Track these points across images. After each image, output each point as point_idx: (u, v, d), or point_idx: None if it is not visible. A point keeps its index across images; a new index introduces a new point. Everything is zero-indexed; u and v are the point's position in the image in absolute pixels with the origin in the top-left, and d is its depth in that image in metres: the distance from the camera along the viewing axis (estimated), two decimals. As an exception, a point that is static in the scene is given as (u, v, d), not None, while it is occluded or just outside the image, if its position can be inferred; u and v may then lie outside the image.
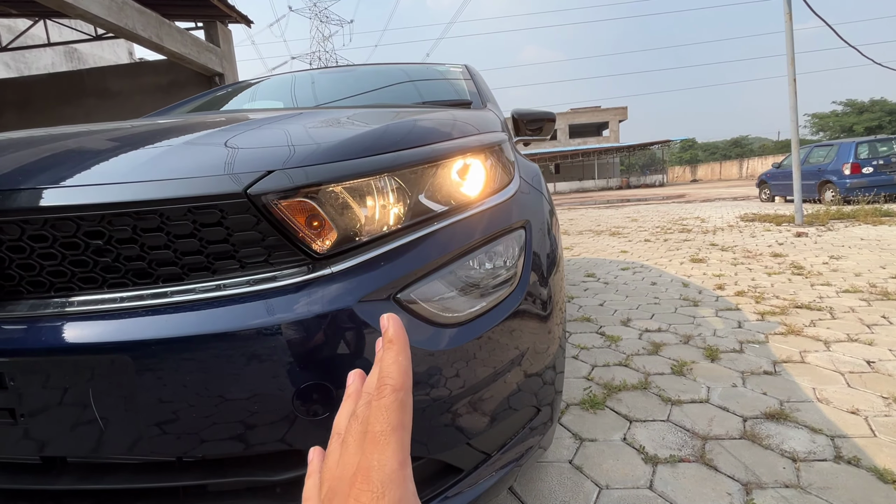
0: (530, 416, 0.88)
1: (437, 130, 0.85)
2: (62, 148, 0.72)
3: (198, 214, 0.59)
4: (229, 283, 0.61)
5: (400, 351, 0.27)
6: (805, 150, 9.87)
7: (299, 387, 0.59)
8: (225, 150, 0.67)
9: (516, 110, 1.86)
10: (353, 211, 0.67)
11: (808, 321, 2.28)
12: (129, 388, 0.58)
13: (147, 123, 1.01)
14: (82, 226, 0.58)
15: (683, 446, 1.31)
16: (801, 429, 1.35)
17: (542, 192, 1.09)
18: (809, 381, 1.65)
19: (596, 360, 1.98)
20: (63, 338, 0.59)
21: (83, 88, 9.37)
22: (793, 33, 6.10)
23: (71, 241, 0.58)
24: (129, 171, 0.61)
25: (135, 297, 0.60)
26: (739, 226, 6.53)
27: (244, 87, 2.39)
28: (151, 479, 0.65)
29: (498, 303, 0.78)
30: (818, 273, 3.31)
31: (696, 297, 2.89)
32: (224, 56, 8.61)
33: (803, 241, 4.83)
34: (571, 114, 40.07)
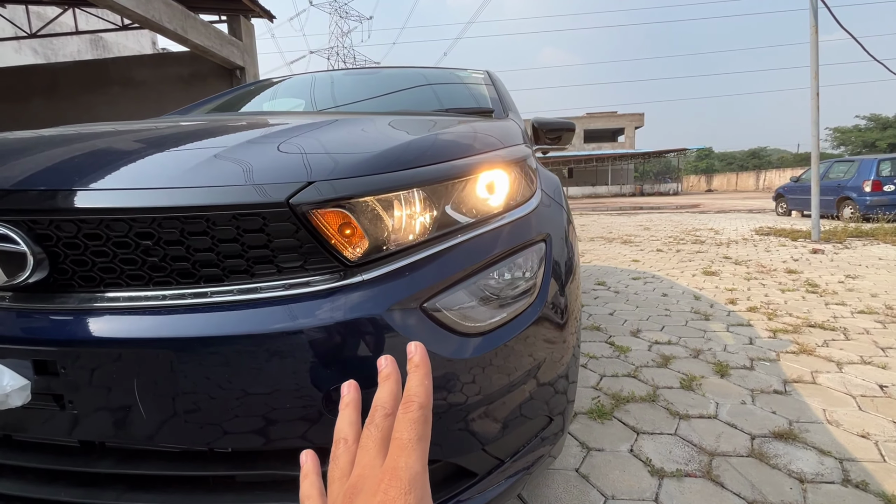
0: (543, 424, 0.90)
1: (464, 144, 0.87)
2: (113, 147, 0.76)
3: (241, 220, 0.62)
4: (266, 286, 0.65)
5: (425, 375, 0.33)
6: (825, 164, 9.71)
7: (329, 388, 0.62)
8: (268, 158, 0.70)
9: (536, 119, 1.87)
10: (383, 221, 0.70)
11: (821, 341, 2.27)
12: (169, 381, 0.62)
13: (190, 123, 1.05)
14: (134, 227, 0.61)
15: (690, 461, 1.32)
16: (809, 450, 1.35)
17: (561, 204, 1.12)
18: (820, 402, 1.65)
19: (605, 369, 1.99)
20: (110, 330, 0.63)
21: (108, 77, 9.56)
22: (818, 47, 6.02)
23: (122, 240, 0.62)
24: (179, 175, 0.64)
25: (177, 295, 0.64)
26: (754, 239, 6.46)
27: (268, 85, 2.43)
28: (183, 468, 0.68)
29: (518, 314, 0.80)
30: (833, 292, 3.28)
31: (707, 310, 2.89)
32: (245, 49, 8.73)
33: (819, 258, 4.77)
34: (587, 118, 39.82)
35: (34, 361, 0.62)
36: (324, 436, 0.65)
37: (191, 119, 1.24)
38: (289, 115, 1.26)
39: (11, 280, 0.62)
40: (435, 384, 0.68)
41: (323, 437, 0.65)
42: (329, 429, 0.64)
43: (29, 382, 0.62)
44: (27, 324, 0.63)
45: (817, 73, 6.05)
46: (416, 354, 0.34)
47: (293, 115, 1.25)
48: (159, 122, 1.09)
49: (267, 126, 0.95)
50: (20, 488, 0.68)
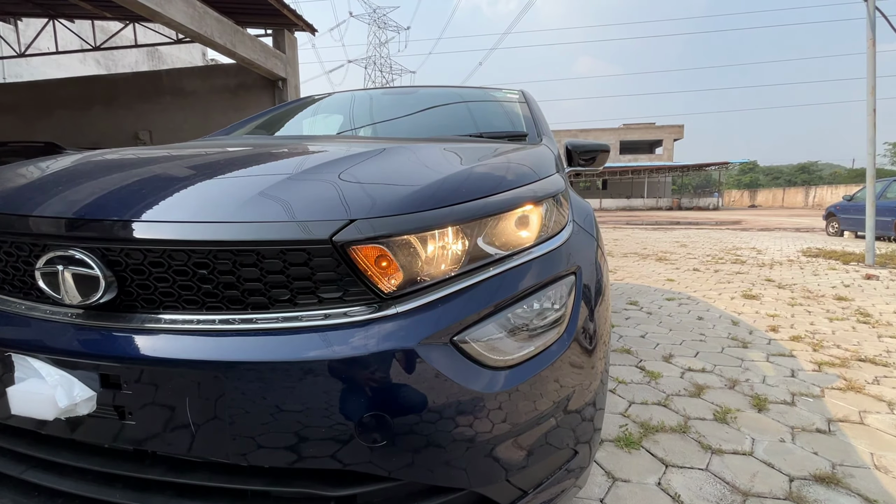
0: (569, 456, 0.90)
1: (499, 178, 0.90)
2: (174, 178, 0.83)
3: (287, 254, 0.67)
4: (307, 315, 0.69)
5: None
6: (883, 183, 9.13)
7: (361, 414, 0.66)
8: (313, 194, 0.75)
9: (570, 142, 1.88)
10: (419, 256, 0.73)
11: (871, 377, 2.14)
12: (217, 399, 0.67)
13: (241, 150, 1.13)
14: (192, 256, 0.67)
15: (722, 500, 1.28)
16: (853, 497, 1.28)
17: (592, 234, 1.12)
18: (867, 444, 1.55)
19: (634, 396, 1.95)
20: (167, 350, 0.69)
21: (161, 87, 10.19)
22: (875, 60, 5.71)
23: (182, 268, 0.68)
24: (234, 211, 0.70)
25: (226, 320, 0.69)
26: (801, 261, 6.14)
27: (309, 103, 2.55)
28: (223, 480, 0.73)
29: (547, 346, 0.81)
30: (888, 323, 3.08)
31: (745, 337, 2.77)
32: (288, 62, 9.11)
33: (873, 284, 4.48)
34: (624, 129, 39.06)
35: (101, 375, 0.68)
36: (355, 457, 0.68)
37: (241, 143, 1.32)
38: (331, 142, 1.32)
39: (85, 300, 0.70)
40: (461, 415, 0.70)
41: (354, 459, 0.68)
42: (360, 453, 0.68)
43: (95, 394, 0.68)
44: (96, 340, 0.70)
45: (874, 88, 5.73)
46: None
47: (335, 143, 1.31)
48: (212, 147, 1.17)
49: (310, 156, 1.01)
50: (82, 488, 0.75)
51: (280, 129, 2.12)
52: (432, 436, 0.67)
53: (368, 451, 0.67)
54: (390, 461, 0.67)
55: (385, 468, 0.68)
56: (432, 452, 0.68)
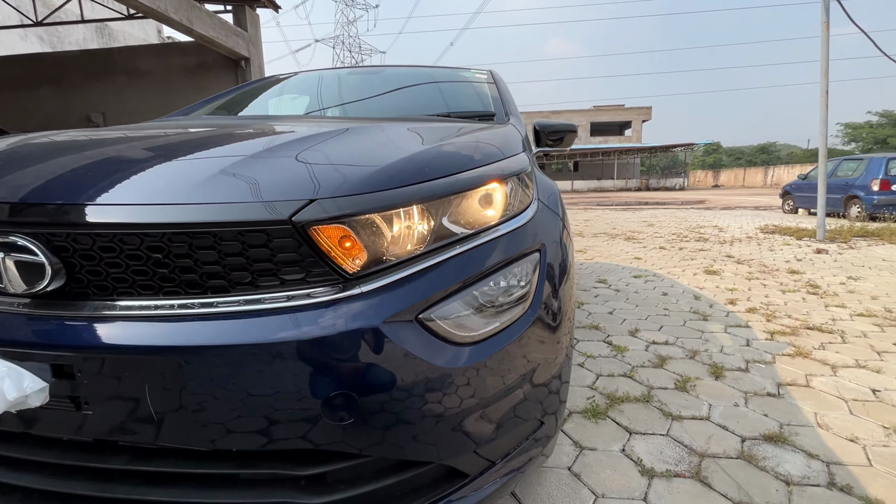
0: (535, 427, 0.94)
1: (464, 157, 0.90)
2: (125, 159, 0.79)
3: (246, 236, 0.65)
4: (269, 298, 0.68)
5: None
6: (834, 162, 9.62)
7: (327, 395, 0.66)
8: (272, 174, 0.73)
9: (538, 122, 1.89)
10: (382, 235, 0.73)
11: (817, 344, 2.29)
12: (177, 386, 0.66)
13: (199, 132, 1.08)
14: (145, 240, 0.65)
15: (680, 462, 1.36)
16: (797, 453, 1.38)
17: (557, 212, 1.14)
18: (812, 405, 1.68)
19: (601, 369, 2.03)
20: (122, 337, 0.67)
21: (113, 66, 9.58)
22: (829, 43, 5.94)
23: (135, 252, 0.66)
24: (188, 192, 0.67)
25: (185, 304, 0.68)
26: (758, 238, 6.45)
27: (273, 83, 2.46)
28: (191, 466, 0.73)
29: (512, 321, 0.83)
30: (834, 294, 3.29)
31: (706, 310, 2.91)
32: (251, 40, 8.71)
33: (823, 258, 4.76)
34: (594, 111, 39.49)
35: (52, 365, 0.66)
36: (323, 437, 0.69)
37: (199, 125, 1.27)
38: (293, 122, 1.29)
39: (31, 289, 0.66)
40: (428, 390, 0.72)
41: (322, 439, 0.69)
42: (327, 432, 0.68)
43: (47, 385, 0.66)
44: (45, 330, 0.67)
45: (827, 70, 5.98)
46: None
47: (297, 122, 1.28)
48: (168, 128, 1.12)
49: (272, 136, 0.98)
50: (40, 482, 0.73)
51: (242, 110, 2.04)
52: (400, 412, 0.69)
53: (336, 430, 0.68)
54: (358, 439, 0.68)
55: (353, 446, 0.69)
56: (400, 428, 0.70)
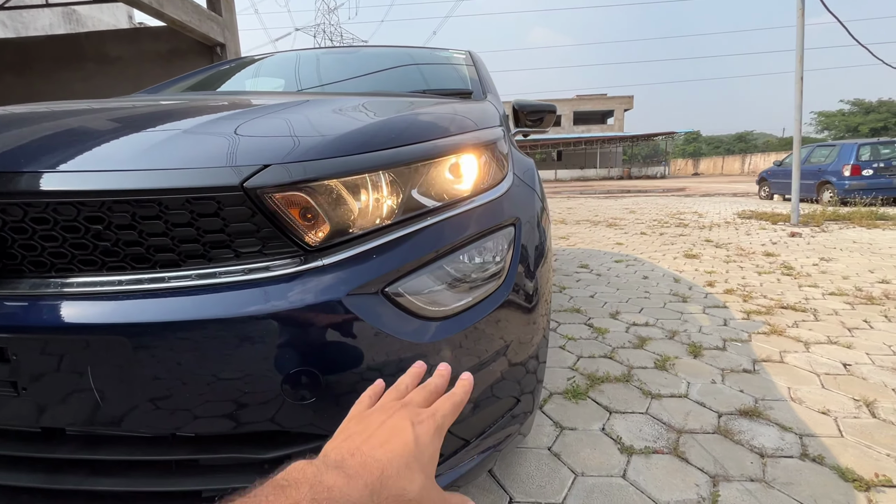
0: (511, 405, 0.92)
1: (434, 126, 0.86)
2: (64, 128, 0.73)
3: (195, 204, 0.61)
4: (224, 272, 0.64)
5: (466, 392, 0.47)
6: (807, 149, 9.85)
7: (288, 372, 0.62)
8: (223, 140, 0.69)
9: (517, 101, 1.86)
10: (346, 205, 0.69)
11: (791, 322, 2.33)
12: (126, 367, 0.61)
13: (148, 103, 1.02)
14: (83, 210, 0.60)
15: (659, 438, 1.36)
16: (772, 426, 1.40)
17: (534, 188, 1.11)
18: (786, 380, 1.70)
19: (582, 351, 2.03)
20: (63, 316, 0.62)
21: (82, 52, 9.17)
22: (804, 30, 6.02)
23: (71, 224, 0.60)
24: (130, 158, 0.62)
25: (133, 280, 0.63)
26: (736, 223, 6.57)
27: (247, 63, 2.37)
28: (145, 452, 0.68)
29: (485, 297, 0.81)
30: (807, 274, 3.36)
31: (685, 292, 2.94)
32: (226, 25, 8.43)
33: (797, 241, 4.88)
34: (577, 100, 39.60)
35: (-16, 348, 0.61)
36: (284, 417, 0.65)
37: (152, 98, 1.20)
38: (256, 96, 1.23)
39: (-44, 265, 0.61)
40: (398, 368, 0.69)
41: (285, 421, 0.65)
42: (290, 412, 0.65)
43: (-21, 369, 0.61)
44: (-25, 310, 0.62)
45: (802, 56, 6.07)
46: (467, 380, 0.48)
47: (261, 96, 1.22)
48: (117, 102, 1.05)
49: (230, 106, 0.92)
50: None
51: (213, 88, 1.96)
52: (363, 389, 0.65)
53: (298, 410, 0.64)
54: (322, 419, 0.65)
55: (316, 426, 0.65)
56: (366, 406, 0.66)
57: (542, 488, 1.16)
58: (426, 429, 0.39)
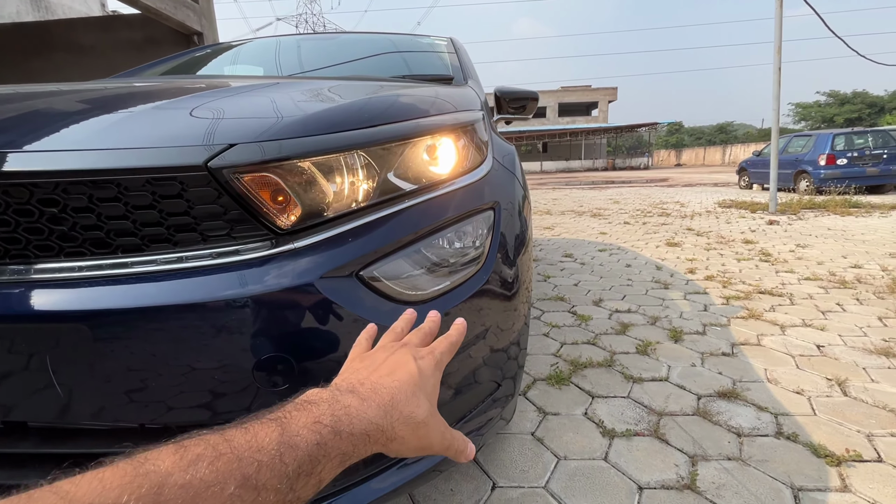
0: (491, 390, 0.92)
1: (412, 107, 0.84)
2: (16, 110, 0.69)
3: (157, 186, 0.58)
4: (191, 256, 0.62)
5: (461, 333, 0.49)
6: (785, 139, 10.05)
7: (259, 358, 0.61)
8: (188, 119, 0.66)
9: (499, 88, 1.84)
10: (318, 186, 0.67)
11: (768, 306, 2.39)
12: (89, 356, 0.59)
13: (112, 85, 0.98)
14: (35, 192, 0.57)
15: (640, 421, 1.38)
16: (748, 407, 1.43)
17: (514, 173, 1.11)
18: (762, 362, 1.74)
19: (565, 338, 2.04)
20: (19, 305, 0.59)
21: (51, 41, 8.80)
22: (782, 21, 6.11)
23: (24, 208, 0.57)
24: (87, 137, 0.59)
25: (94, 266, 0.60)
26: (716, 212, 6.69)
27: (223, 49, 2.30)
28: (114, 444, 0.66)
29: (463, 282, 0.80)
30: (784, 260, 3.44)
31: (667, 279, 2.99)
32: (203, 13, 8.17)
33: (774, 228, 4.99)
34: (562, 92, 39.69)
35: (-66, 339, 0.57)
36: (260, 406, 0.63)
37: (121, 80, 1.15)
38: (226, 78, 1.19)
39: None
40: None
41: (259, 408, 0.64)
42: (264, 399, 0.63)
43: (-71, 361, 0.57)
44: (-77, 299, 0.58)
45: (780, 47, 6.17)
46: (461, 324, 0.50)
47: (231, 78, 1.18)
48: (84, 85, 1.00)
49: (198, 88, 0.89)
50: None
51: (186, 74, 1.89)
52: (338, 373, 0.64)
53: (272, 396, 0.63)
54: (296, 404, 0.63)
55: (291, 412, 0.64)
56: (342, 391, 0.65)
57: (526, 473, 1.17)
58: (427, 363, 0.42)
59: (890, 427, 1.30)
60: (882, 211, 6.13)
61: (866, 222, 5.25)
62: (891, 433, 1.28)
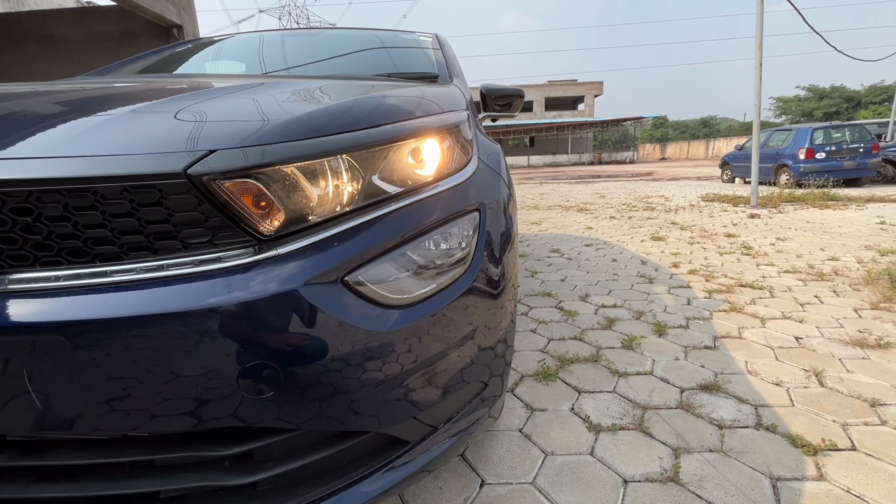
0: (479, 389, 0.92)
1: (396, 109, 0.84)
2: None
3: (134, 193, 0.57)
4: (172, 264, 0.61)
5: None
6: (766, 133, 10.24)
7: (243, 367, 0.60)
8: (167, 123, 0.64)
9: (485, 86, 1.84)
10: (301, 192, 0.66)
11: (749, 299, 2.44)
12: (68, 367, 0.58)
13: (87, 86, 0.95)
14: (7, 202, 0.55)
15: (625, 415, 1.41)
16: (729, 399, 1.47)
17: (499, 172, 1.11)
18: (743, 355, 1.79)
19: (552, 334, 2.07)
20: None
21: (22, 33, 8.51)
22: (763, 17, 6.20)
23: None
24: (61, 143, 0.58)
25: (71, 275, 0.59)
26: (700, 205, 6.80)
27: (204, 44, 2.25)
28: (96, 455, 0.65)
29: (449, 283, 0.80)
30: (764, 254, 3.52)
31: (652, 274, 3.03)
32: (182, 6, 7.98)
33: (755, 222, 5.09)
34: (548, 86, 39.77)
35: None
36: (245, 414, 0.63)
37: (94, 81, 1.12)
38: (209, 78, 1.16)
39: None
40: (360, 358, 0.67)
41: (245, 416, 0.63)
42: (249, 407, 0.63)
43: None
44: None
45: (762, 43, 6.26)
46: None
47: (214, 78, 1.15)
48: (53, 84, 0.98)
49: (177, 89, 0.87)
50: None
51: (167, 70, 1.85)
52: (326, 380, 0.64)
53: (257, 404, 0.62)
54: (282, 412, 0.63)
55: (277, 420, 0.64)
56: (327, 397, 0.65)
57: (513, 469, 1.19)
58: None
59: (864, 416, 1.35)
60: (858, 204, 6.31)
61: (843, 215, 5.40)
62: (864, 422, 1.32)
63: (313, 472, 0.70)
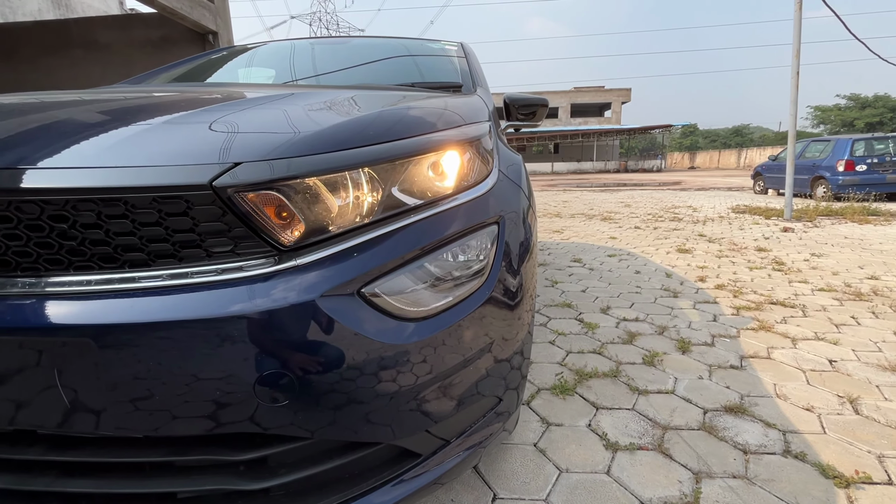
0: (493, 403, 0.91)
1: (419, 121, 0.85)
2: (27, 123, 0.71)
3: (163, 203, 0.59)
4: (196, 272, 0.63)
5: None
6: (802, 143, 9.86)
7: (261, 374, 0.61)
8: (196, 135, 0.67)
9: (508, 95, 1.84)
10: (322, 204, 0.68)
11: (780, 318, 2.35)
12: (96, 368, 0.60)
13: (121, 96, 0.99)
14: (46, 209, 0.58)
15: (644, 435, 1.37)
16: (756, 423, 1.41)
17: (519, 184, 1.10)
18: (772, 376, 1.72)
19: (571, 346, 2.03)
20: (30, 316, 0.60)
21: (70, 39, 8.96)
22: (801, 24, 6.00)
23: (35, 223, 0.59)
24: (95, 154, 0.61)
25: (103, 280, 0.61)
26: (730, 217, 6.59)
27: (238, 52, 2.33)
28: (118, 454, 0.67)
29: (467, 296, 0.80)
30: (798, 270, 3.38)
31: (677, 287, 2.95)
32: (218, 13, 8.26)
33: (789, 236, 4.90)
34: (574, 92, 39.42)
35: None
36: (261, 421, 0.64)
37: (129, 90, 1.17)
38: (239, 88, 1.20)
39: (-83, 264, 0.59)
40: (374, 369, 0.68)
41: (261, 422, 0.65)
42: (265, 414, 0.64)
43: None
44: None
45: (799, 50, 6.05)
46: None
47: (244, 88, 1.19)
48: (89, 94, 1.03)
49: (207, 100, 0.90)
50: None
51: (199, 79, 1.92)
52: (340, 391, 0.65)
53: (272, 412, 0.63)
54: (296, 420, 0.64)
55: (291, 428, 0.65)
56: (341, 408, 0.66)
57: (527, 485, 1.17)
58: None
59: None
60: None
61: (885, 231, 5.14)
62: (903, 455, 1.25)
63: (326, 481, 0.71)
